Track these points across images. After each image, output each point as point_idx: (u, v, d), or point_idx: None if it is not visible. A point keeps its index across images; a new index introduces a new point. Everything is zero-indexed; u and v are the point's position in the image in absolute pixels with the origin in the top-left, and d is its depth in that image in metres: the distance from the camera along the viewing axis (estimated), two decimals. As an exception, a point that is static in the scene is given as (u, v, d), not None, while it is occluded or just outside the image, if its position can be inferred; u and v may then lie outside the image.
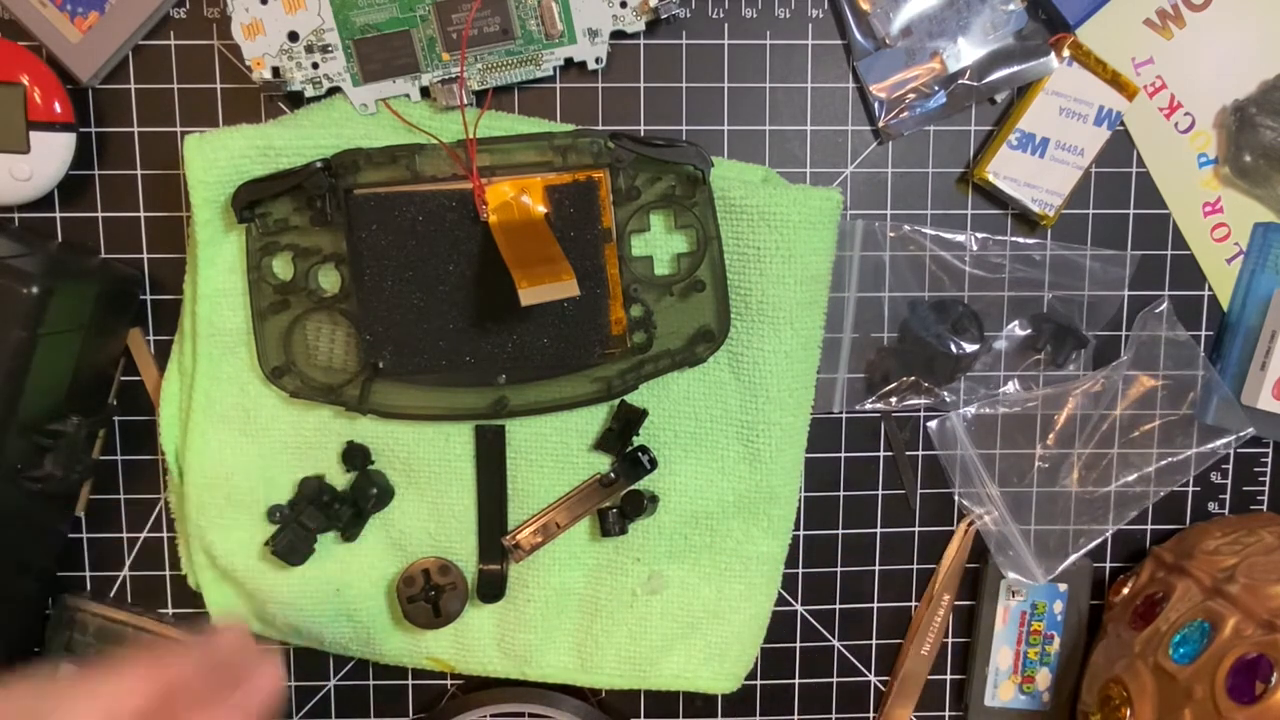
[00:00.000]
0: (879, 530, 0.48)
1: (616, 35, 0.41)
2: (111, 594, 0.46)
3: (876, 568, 0.48)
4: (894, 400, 0.46)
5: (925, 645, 0.48)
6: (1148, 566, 0.47)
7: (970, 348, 0.46)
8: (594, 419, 0.43)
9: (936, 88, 0.43)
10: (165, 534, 0.45)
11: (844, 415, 0.47)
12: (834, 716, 0.49)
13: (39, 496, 0.41)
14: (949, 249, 0.45)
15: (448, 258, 0.40)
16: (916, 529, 0.48)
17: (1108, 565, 0.49)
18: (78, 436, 0.41)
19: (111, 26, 0.40)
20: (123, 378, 0.44)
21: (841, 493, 0.47)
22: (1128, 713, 0.42)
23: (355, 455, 0.43)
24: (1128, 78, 0.43)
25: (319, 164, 0.39)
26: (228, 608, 0.45)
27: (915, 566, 0.48)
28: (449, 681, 0.48)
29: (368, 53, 0.40)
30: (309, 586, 0.43)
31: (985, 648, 0.49)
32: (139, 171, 0.43)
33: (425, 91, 0.41)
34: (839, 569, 0.48)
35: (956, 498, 0.48)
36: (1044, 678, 0.49)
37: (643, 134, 0.44)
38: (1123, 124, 0.45)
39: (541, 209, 0.40)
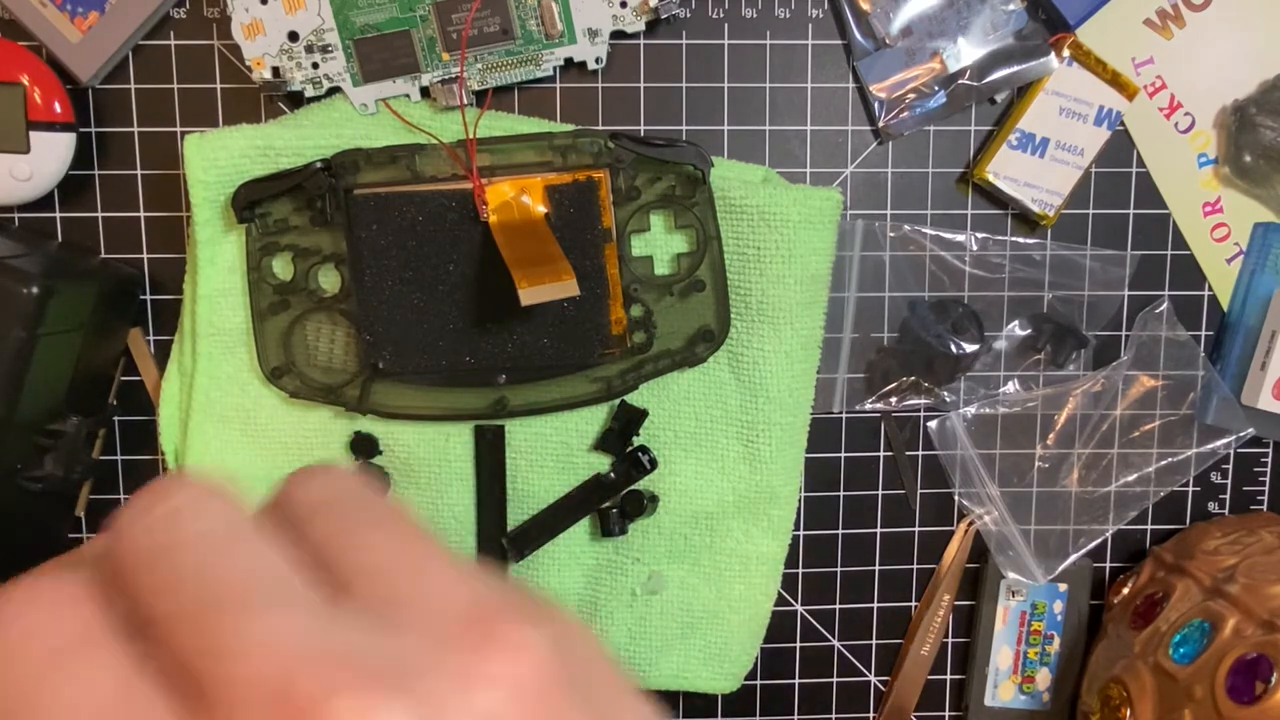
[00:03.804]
0: (879, 530, 0.48)
1: (616, 35, 0.41)
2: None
3: (876, 568, 0.48)
4: (894, 400, 0.46)
5: (925, 645, 0.48)
6: (1148, 566, 0.47)
7: (970, 348, 0.46)
8: (594, 419, 0.43)
9: (936, 88, 0.43)
10: (165, 534, 0.45)
11: (844, 415, 0.47)
12: (834, 716, 0.49)
13: (39, 496, 0.41)
14: (949, 249, 0.45)
15: (448, 258, 0.40)
16: (916, 529, 0.48)
17: (1108, 565, 0.49)
18: (78, 436, 0.41)
19: (111, 26, 0.40)
20: (123, 378, 0.44)
21: (841, 493, 0.47)
22: (1128, 713, 0.42)
23: (364, 445, 0.43)
24: (1128, 78, 0.43)
25: (319, 164, 0.39)
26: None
27: (915, 566, 0.48)
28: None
29: (368, 53, 0.40)
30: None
31: (985, 648, 0.49)
32: (139, 171, 0.43)
33: (425, 91, 0.41)
34: (839, 569, 0.48)
35: (956, 498, 0.48)
36: (1044, 678, 0.49)
37: (643, 134, 0.44)
38: (1123, 124, 0.45)
39: (541, 209, 0.40)
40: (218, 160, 0.39)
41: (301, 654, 0.15)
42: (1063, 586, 0.48)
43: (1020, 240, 0.46)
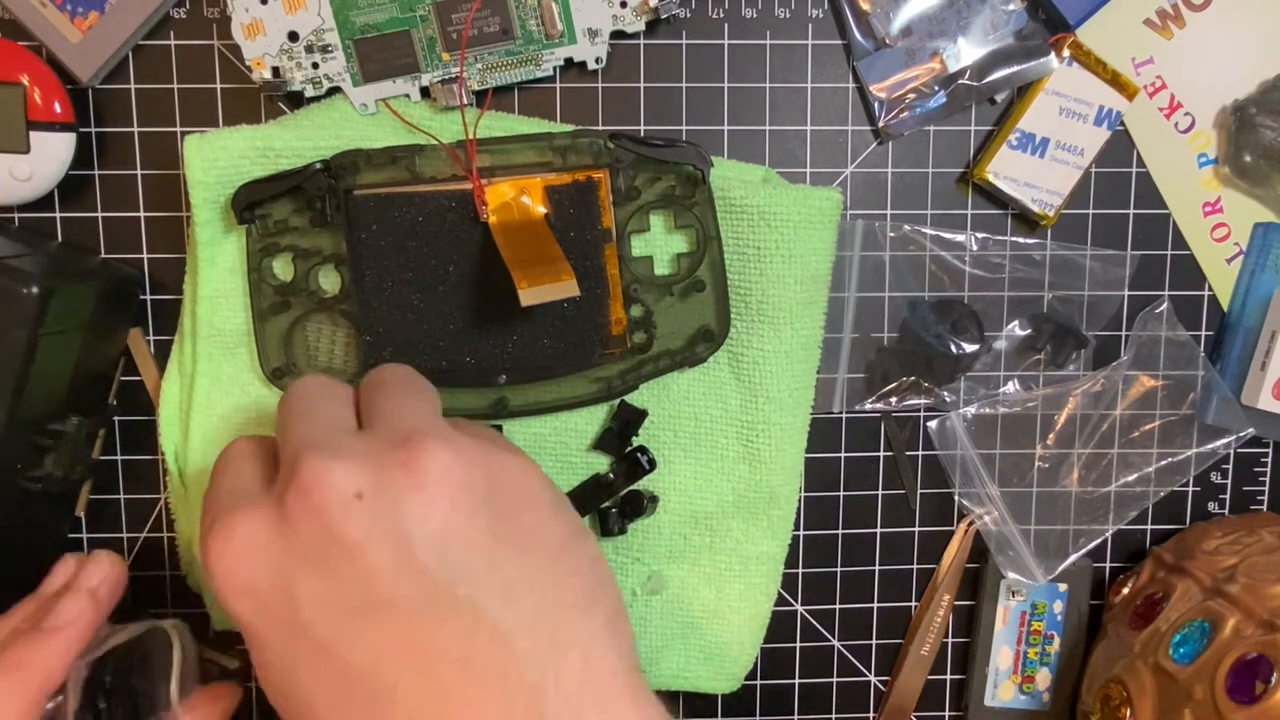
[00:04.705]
0: (879, 530, 0.48)
1: (616, 35, 0.41)
2: (112, 594, 0.46)
3: (876, 568, 0.48)
4: (894, 400, 0.46)
5: (925, 645, 0.48)
6: (1148, 566, 0.47)
7: (970, 348, 0.46)
8: (592, 419, 0.43)
9: (936, 88, 0.43)
10: (165, 534, 0.45)
11: (844, 415, 0.47)
12: (834, 716, 0.49)
13: (39, 496, 0.41)
14: (949, 249, 0.45)
15: (448, 258, 0.40)
16: (916, 529, 0.48)
17: (1108, 565, 0.49)
18: (78, 436, 0.41)
19: (111, 26, 0.40)
20: (123, 378, 0.44)
21: (841, 493, 0.47)
22: (1128, 713, 0.42)
23: None
24: (1128, 78, 0.44)
25: (319, 165, 0.39)
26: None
27: (915, 566, 0.48)
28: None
29: (368, 53, 0.40)
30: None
31: (985, 648, 0.49)
32: (139, 171, 0.43)
33: (425, 91, 0.41)
34: (839, 569, 0.48)
35: (956, 498, 0.48)
36: (1044, 678, 0.49)
37: (643, 134, 0.44)
38: (1123, 124, 0.45)
39: (541, 209, 0.40)
40: (218, 161, 0.39)
41: (310, 440, 0.30)
42: (1063, 586, 0.48)
43: (1020, 240, 0.46)
